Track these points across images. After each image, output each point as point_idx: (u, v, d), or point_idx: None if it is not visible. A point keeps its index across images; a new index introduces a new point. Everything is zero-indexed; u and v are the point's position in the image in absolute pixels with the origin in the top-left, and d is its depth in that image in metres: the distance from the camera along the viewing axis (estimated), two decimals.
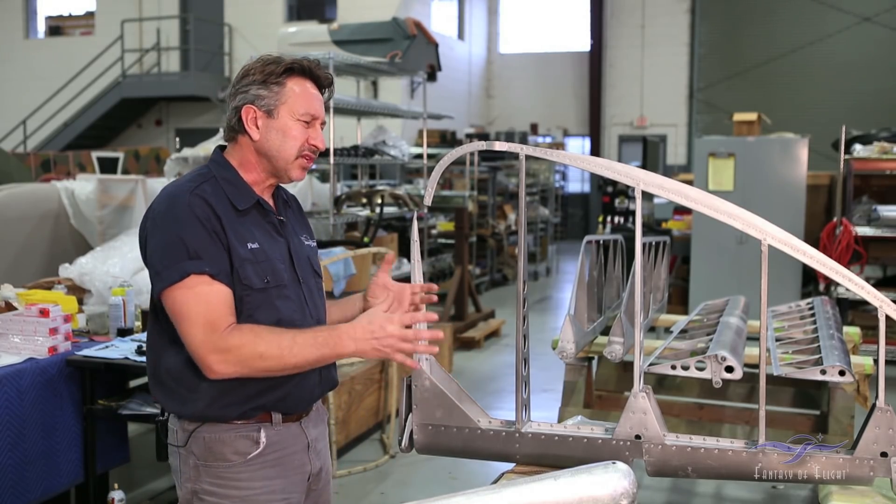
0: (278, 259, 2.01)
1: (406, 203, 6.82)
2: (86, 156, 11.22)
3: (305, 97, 2.02)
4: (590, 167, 2.05)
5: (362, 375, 5.00)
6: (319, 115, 2.04)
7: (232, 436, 1.97)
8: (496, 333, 8.38)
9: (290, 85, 2.01)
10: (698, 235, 8.11)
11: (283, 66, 2.01)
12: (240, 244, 1.94)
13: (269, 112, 2.00)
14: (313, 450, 2.10)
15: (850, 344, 3.58)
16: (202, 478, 1.99)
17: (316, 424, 2.14)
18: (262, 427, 1.99)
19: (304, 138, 2.01)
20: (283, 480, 2.03)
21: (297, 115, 2.00)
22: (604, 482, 1.65)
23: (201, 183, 1.97)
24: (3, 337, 3.41)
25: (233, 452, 1.97)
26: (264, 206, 2.04)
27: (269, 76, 2.01)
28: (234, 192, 1.99)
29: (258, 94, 2.00)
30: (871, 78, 16.67)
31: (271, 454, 2.01)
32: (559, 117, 19.74)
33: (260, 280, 1.94)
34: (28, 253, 5.58)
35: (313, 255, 2.18)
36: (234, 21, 16.65)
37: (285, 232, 2.08)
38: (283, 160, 2.01)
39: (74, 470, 3.54)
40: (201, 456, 1.98)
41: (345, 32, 7.52)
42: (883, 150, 7.20)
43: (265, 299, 1.96)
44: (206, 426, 1.97)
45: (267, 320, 1.94)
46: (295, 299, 2.02)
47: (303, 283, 2.06)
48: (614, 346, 2.65)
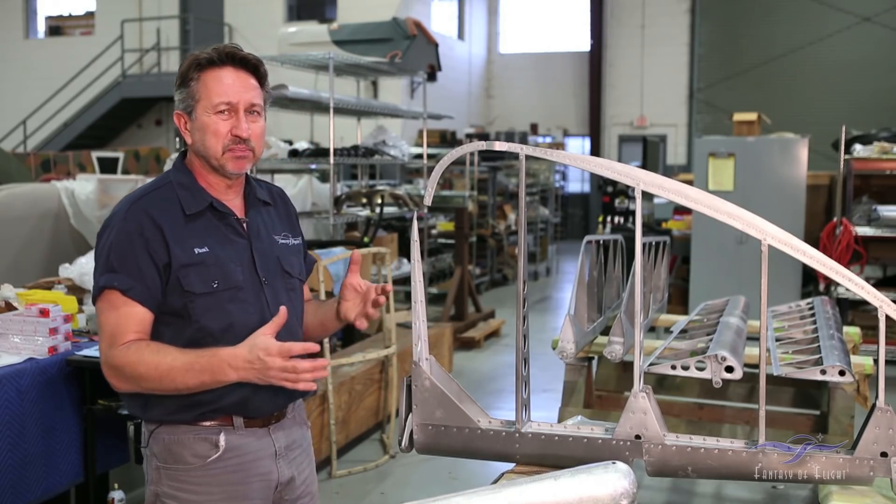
0: (233, 261, 1.97)
1: (406, 203, 6.82)
2: (86, 156, 11.21)
3: (218, 87, 1.93)
4: (590, 167, 2.05)
5: (362, 375, 5.00)
6: (239, 101, 1.94)
7: (191, 438, 1.95)
8: (496, 333, 8.38)
9: (203, 79, 1.94)
10: (698, 235, 8.11)
11: (194, 62, 1.95)
12: (184, 251, 1.91)
13: (189, 114, 1.97)
14: (283, 458, 2.05)
15: (850, 344, 3.58)
16: (163, 480, 1.97)
17: (289, 431, 2.09)
18: (223, 430, 1.96)
19: (227, 130, 1.94)
20: (245, 487, 1.98)
21: (211, 108, 1.94)
22: (604, 482, 1.65)
23: (152, 191, 1.98)
24: (3, 337, 3.41)
25: (192, 455, 1.95)
26: (219, 208, 1.99)
27: (184, 77, 1.96)
28: (188, 197, 1.97)
29: (180, 98, 1.98)
30: (871, 78, 16.67)
31: (232, 459, 1.96)
32: (559, 117, 19.74)
33: (205, 285, 1.91)
34: (28, 253, 5.58)
35: (289, 253, 2.12)
36: (234, 21, 16.65)
37: (249, 232, 2.03)
38: (213, 158, 1.96)
39: (74, 470, 3.54)
40: (161, 457, 1.96)
41: (345, 32, 7.53)
42: (883, 150, 7.20)
43: (214, 303, 1.92)
44: (165, 427, 1.96)
45: (217, 325, 1.92)
46: (253, 302, 1.98)
47: (265, 284, 2.01)
48: (614, 346, 2.64)
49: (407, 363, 5.44)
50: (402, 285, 7.67)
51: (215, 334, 1.93)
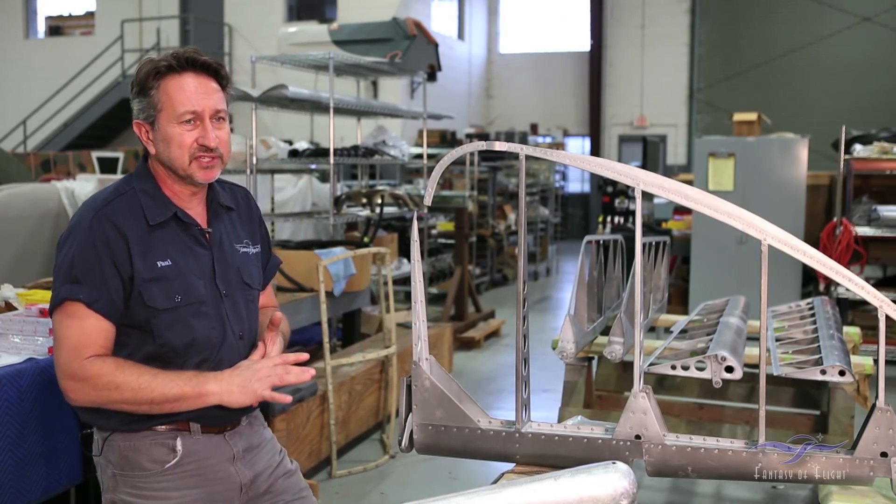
0: (195, 274, 1.94)
1: (406, 203, 6.82)
2: (86, 156, 11.21)
3: (181, 95, 1.88)
4: (590, 167, 2.05)
5: (362, 375, 5.00)
6: (204, 109, 1.89)
7: (147, 443, 1.93)
8: (496, 333, 8.38)
9: (164, 87, 1.88)
10: (698, 235, 8.11)
11: (153, 70, 1.89)
12: (146, 265, 1.88)
13: (152, 124, 1.91)
14: (242, 460, 2.04)
15: (850, 344, 3.58)
16: (119, 487, 1.95)
17: (246, 436, 2.08)
18: (180, 435, 1.95)
19: (193, 140, 1.89)
20: (204, 491, 1.97)
21: (176, 118, 1.88)
22: (604, 482, 1.65)
23: (116, 198, 1.92)
24: (3, 337, 3.41)
25: (149, 461, 1.93)
26: (184, 218, 1.96)
27: (143, 85, 1.90)
28: (151, 205, 1.93)
29: (140, 108, 1.92)
30: (871, 78, 16.67)
31: (190, 464, 1.95)
32: (559, 117, 19.74)
33: (168, 300, 1.89)
34: (28, 253, 5.57)
35: (249, 264, 2.09)
36: (234, 21, 16.66)
37: (211, 243, 2.00)
38: (180, 168, 1.92)
39: (74, 470, 3.53)
40: (117, 464, 1.94)
41: (345, 32, 7.53)
42: (883, 150, 7.20)
43: (176, 319, 1.90)
44: (119, 434, 1.93)
45: (180, 340, 1.90)
46: (214, 315, 1.96)
47: (224, 297, 2.00)
48: (614, 346, 2.64)
49: (407, 363, 5.44)
50: (402, 285, 7.68)
51: (178, 350, 1.92)
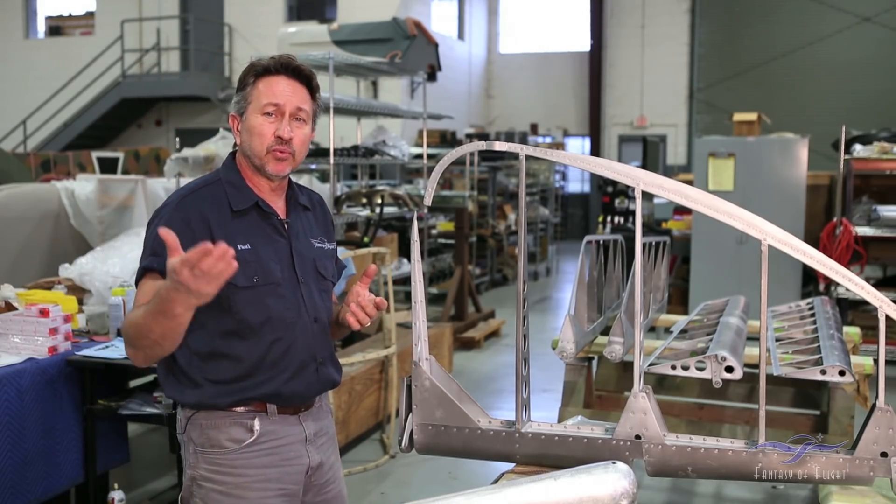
0: (273, 259, 2.06)
1: (406, 203, 6.82)
2: (86, 156, 11.22)
3: (269, 90, 2.05)
4: (590, 167, 2.05)
5: (362, 375, 5.00)
6: (286, 105, 2.05)
7: (227, 422, 2.04)
8: (496, 333, 8.38)
9: (257, 84, 2.07)
10: (698, 235, 8.11)
11: (253, 69, 2.08)
12: (228, 244, 1.93)
13: (242, 115, 2.08)
14: (312, 444, 2.14)
15: (850, 344, 3.58)
16: (200, 464, 2.06)
17: (317, 419, 2.18)
18: (258, 416, 2.05)
19: (272, 132, 2.04)
20: (278, 470, 2.07)
21: (259, 109, 2.04)
22: (604, 482, 1.65)
23: (203, 186, 2.08)
24: (3, 337, 3.41)
25: (227, 439, 2.04)
26: (264, 208, 2.09)
27: (243, 81, 2.09)
28: (235, 194, 2.07)
29: (236, 101, 2.10)
30: (871, 78, 16.66)
31: (265, 443, 2.06)
32: (559, 117, 19.74)
33: (247, 279, 2.00)
34: (28, 253, 5.57)
35: (324, 257, 2.22)
36: (234, 21, 16.66)
37: (290, 233, 2.13)
38: (257, 157, 2.06)
39: (74, 470, 3.54)
40: (199, 442, 2.06)
41: (345, 32, 7.51)
42: (883, 150, 7.21)
43: (254, 297, 2.01)
44: (202, 413, 2.05)
45: (256, 318, 2.02)
46: (291, 298, 2.08)
47: (302, 283, 2.11)
48: (614, 346, 2.65)
49: (407, 363, 5.45)
50: (402, 285, 7.67)
51: (254, 327, 2.02)
